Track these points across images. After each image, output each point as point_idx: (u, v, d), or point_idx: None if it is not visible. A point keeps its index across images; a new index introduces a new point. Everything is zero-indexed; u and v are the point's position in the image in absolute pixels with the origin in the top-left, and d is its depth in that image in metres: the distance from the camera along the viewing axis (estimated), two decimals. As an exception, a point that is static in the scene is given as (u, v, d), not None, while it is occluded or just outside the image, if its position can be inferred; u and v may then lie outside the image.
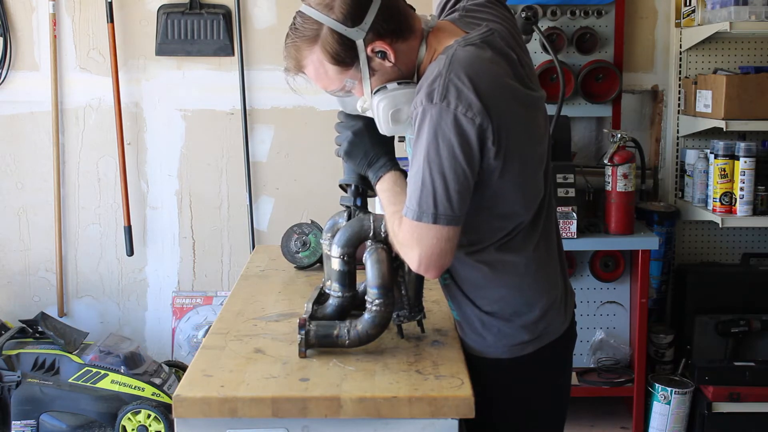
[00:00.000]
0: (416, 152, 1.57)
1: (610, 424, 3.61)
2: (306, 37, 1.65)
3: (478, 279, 1.73)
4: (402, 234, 1.61)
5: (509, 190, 1.63)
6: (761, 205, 3.41)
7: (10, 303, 3.90)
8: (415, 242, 1.58)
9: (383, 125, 1.67)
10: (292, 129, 3.82)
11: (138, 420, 3.27)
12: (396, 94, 1.64)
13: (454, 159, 1.54)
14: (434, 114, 1.53)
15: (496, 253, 1.70)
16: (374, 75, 1.65)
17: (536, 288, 1.74)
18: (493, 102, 1.55)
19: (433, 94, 1.54)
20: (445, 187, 1.55)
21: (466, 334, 1.78)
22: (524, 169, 1.64)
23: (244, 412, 1.55)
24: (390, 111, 1.64)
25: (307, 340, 1.73)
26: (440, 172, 1.54)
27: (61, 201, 3.83)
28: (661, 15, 3.79)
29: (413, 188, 1.57)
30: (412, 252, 1.59)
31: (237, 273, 3.64)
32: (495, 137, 1.55)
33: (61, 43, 3.77)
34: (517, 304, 1.73)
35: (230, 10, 3.75)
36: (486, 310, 1.73)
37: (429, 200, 1.55)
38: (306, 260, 2.41)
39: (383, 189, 1.73)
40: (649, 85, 3.82)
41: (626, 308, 3.64)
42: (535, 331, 1.74)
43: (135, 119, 3.83)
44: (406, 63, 1.66)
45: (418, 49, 1.66)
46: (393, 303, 1.76)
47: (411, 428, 1.57)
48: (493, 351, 1.74)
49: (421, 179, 1.55)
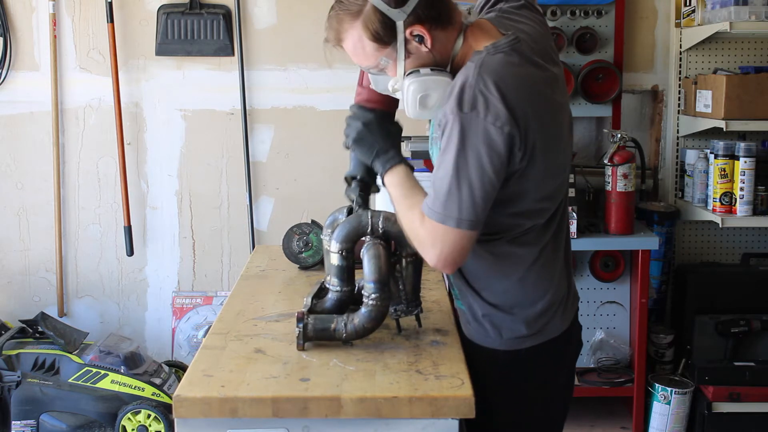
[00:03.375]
0: (444, 158, 1.60)
1: (610, 424, 3.61)
2: (350, 11, 1.68)
3: (484, 269, 1.76)
4: (423, 232, 1.64)
5: (530, 191, 1.67)
6: (761, 205, 3.41)
7: (10, 303, 3.90)
8: (438, 242, 1.62)
9: (410, 107, 1.70)
10: (292, 129, 3.82)
11: (138, 420, 3.27)
12: (427, 80, 1.67)
13: (482, 169, 1.58)
14: (463, 123, 1.57)
15: (507, 245, 1.73)
16: (409, 57, 1.68)
17: (539, 284, 1.76)
18: (521, 109, 1.58)
19: (463, 103, 1.57)
20: (471, 194, 1.59)
21: (468, 323, 1.81)
22: (547, 173, 1.68)
23: (245, 412, 1.55)
24: (419, 95, 1.68)
25: (305, 334, 1.75)
26: (467, 180, 1.58)
27: (61, 201, 3.83)
28: (661, 15, 3.79)
29: (439, 192, 1.61)
30: (433, 250, 1.64)
31: (237, 273, 3.64)
32: (522, 143, 1.59)
33: (61, 43, 3.77)
34: (519, 297, 1.75)
35: (230, 10, 3.75)
36: (489, 301, 1.76)
37: (454, 206, 1.59)
38: (310, 260, 2.41)
39: (393, 183, 1.76)
40: (649, 85, 3.82)
41: (626, 308, 3.64)
42: (533, 326, 1.76)
43: (135, 119, 3.83)
44: (442, 52, 1.69)
45: (455, 41, 1.70)
46: (389, 297, 1.79)
47: (411, 428, 1.57)
48: (491, 342, 1.77)
49: (448, 185, 1.59)
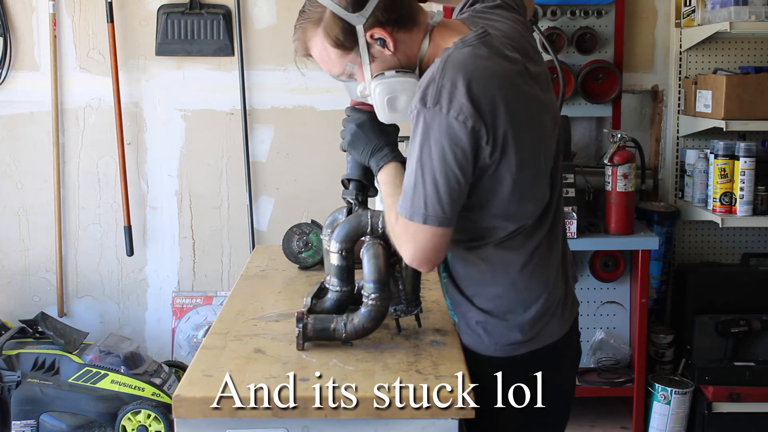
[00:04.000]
0: (411, 154, 1.61)
1: (610, 424, 3.61)
2: (311, 20, 1.70)
3: (475, 275, 1.75)
4: (397, 230, 1.65)
5: (506, 189, 1.64)
6: (761, 205, 3.41)
7: (10, 303, 3.90)
8: (409, 238, 1.63)
9: (380, 111, 1.71)
10: (292, 129, 3.82)
11: (138, 420, 3.27)
12: (392, 81, 1.67)
13: (445, 163, 1.57)
14: (427, 118, 1.56)
15: (494, 249, 1.71)
16: (374, 61, 1.68)
17: (532, 289, 1.74)
18: (487, 102, 1.56)
19: (426, 98, 1.57)
20: (435, 190, 1.58)
21: (463, 332, 1.80)
22: (524, 168, 1.63)
23: (245, 413, 1.55)
24: (386, 97, 1.68)
25: (305, 333, 1.75)
26: (432, 175, 1.57)
27: (61, 201, 3.83)
28: (661, 15, 3.79)
29: (407, 188, 1.61)
30: (406, 246, 1.64)
31: (237, 273, 3.64)
32: (489, 137, 1.57)
33: (61, 43, 3.77)
34: (512, 303, 1.73)
35: (230, 10, 3.75)
36: (482, 307, 1.74)
37: (420, 202, 1.59)
38: (310, 260, 2.41)
39: (383, 180, 1.76)
40: (649, 85, 3.82)
41: (626, 308, 3.64)
42: (529, 332, 1.74)
43: (135, 119, 3.83)
44: (407, 53, 1.69)
45: (421, 42, 1.69)
46: (389, 297, 1.78)
47: (411, 428, 1.57)
48: (487, 349, 1.76)
49: (413, 180, 1.59)
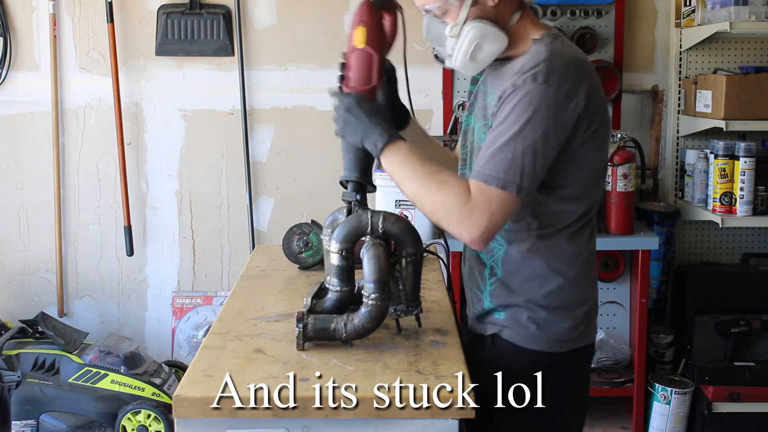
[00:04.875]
0: (509, 125, 1.64)
1: (610, 424, 3.61)
2: None
3: (537, 269, 1.77)
4: (476, 202, 1.65)
5: (589, 167, 1.73)
6: (761, 205, 3.41)
7: (10, 303, 3.90)
8: (493, 210, 1.65)
9: (459, 56, 1.72)
10: (292, 129, 3.82)
11: (138, 420, 3.27)
12: (487, 27, 1.70)
13: (547, 139, 1.64)
14: (536, 93, 1.63)
15: (566, 241, 1.76)
16: (474, 6, 1.71)
17: (587, 285, 1.82)
18: (589, 84, 1.68)
19: (538, 75, 1.64)
20: (533, 163, 1.64)
21: (508, 328, 1.80)
22: (602, 148, 1.75)
23: (245, 412, 1.55)
24: (475, 42, 1.70)
25: (305, 333, 1.75)
26: (533, 148, 1.63)
27: (61, 201, 3.83)
28: (661, 15, 3.79)
29: (502, 158, 1.64)
30: (483, 220, 1.65)
31: (237, 273, 3.63)
32: (589, 115, 1.67)
33: (61, 43, 3.77)
34: (569, 297, 1.78)
35: (230, 10, 3.75)
36: (538, 302, 1.77)
37: (516, 172, 1.63)
38: (310, 260, 2.41)
39: (394, 161, 1.73)
40: (649, 85, 3.82)
41: (626, 308, 3.64)
42: (577, 329, 1.79)
43: (135, 119, 3.83)
44: (503, 14, 1.73)
45: (513, 14, 1.74)
46: (389, 297, 1.78)
47: (411, 428, 1.57)
48: (538, 344, 1.77)
49: (512, 151, 1.63)
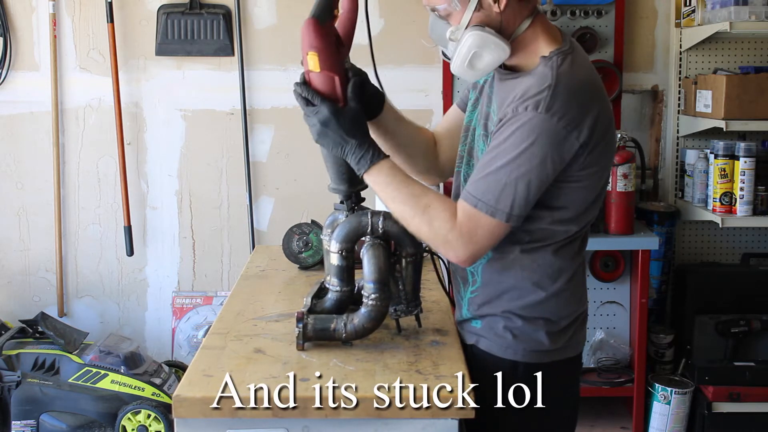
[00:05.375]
0: (505, 152, 1.60)
1: (610, 424, 3.61)
2: None
3: (519, 282, 1.73)
4: (463, 226, 1.63)
5: (590, 194, 1.70)
6: (761, 205, 3.41)
7: (10, 303, 3.90)
8: (479, 235, 1.63)
9: (459, 61, 1.69)
10: (292, 129, 3.82)
11: (138, 420, 3.27)
12: (487, 36, 1.65)
13: (544, 169, 1.60)
14: (536, 122, 1.58)
15: (552, 255, 1.72)
16: (478, 11, 1.66)
17: (572, 300, 1.78)
18: (594, 115, 1.62)
19: (540, 104, 1.58)
20: (526, 192, 1.61)
21: (485, 338, 1.78)
22: (599, 182, 1.71)
23: (245, 412, 1.55)
24: (473, 51, 1.66)
25: (305, 333, 1.75)
26: (526, 178, 1.60)
27: (61, 201, 3.83)
28: (661, 15, 3.79)
29: (494, 185, 1.61)
30: (470, 243, 1.64)
31: (237, 273, 3.64)
32: (591, 148, 1.63)
33: (61, 43, 3.77)
34: (550, 310, 1.74)
35: (230, 10, 3.75)
36: (516, 313, 1.74)
37: (507, 201, 1.61)
38: (310, 260, 2.41)
39: (377, 181, 1.71)
40: (649, 85, 3.82)
41: (626, 308, 3.64)
42: (558, 342, 1.76)
43: (135, 119, 3.83)
44: (509, 21, 1.68)
45: (523, 21, 1.69)
46: (389, 297, 1.78)
47: (411, 428, 1.57)
48: (514, 354, 1.75)
49: (504, 179, 1.60)
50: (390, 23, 3.72)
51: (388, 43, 3.68)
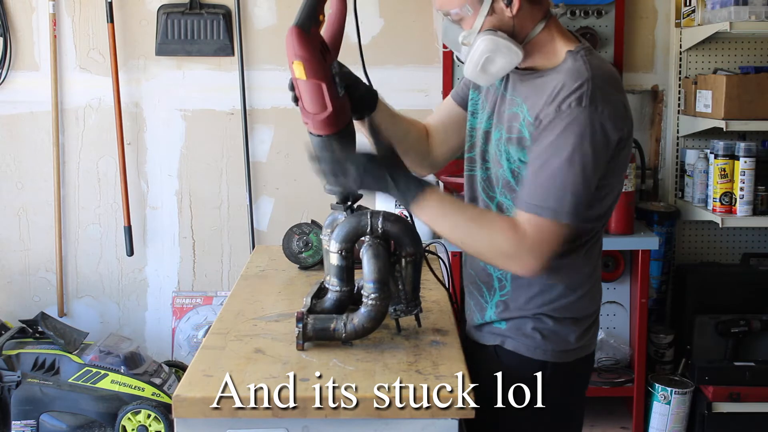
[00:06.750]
0: (554, 152, 1.60)
1: (610, 424, 3.61)
2: None
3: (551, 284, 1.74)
4: (528, 237, 1.61)
5: (615, 189, 1.72)
6: (761, 205, 3.41)
7: (10, 303, 3.90)
8: (546, 241, 1.62)
9: (471, 65, 1.68)
10: (292, 129, 3.82)
11: (138, 420, 3.27)
12: (500, 40, 1.65)
13: (597, 163, 1.61)
14: (583, 118, 1.58)
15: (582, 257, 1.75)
16: (491, 15, 1.66)
17: (595, 298, 1.81)
18: (626, 106, 1.65)
19: (582, 98, 1.59)
20: (587, 190, 1.61)
21: (511, 338, 1.78)
22: (621, 179, 1.73)
23: (244, 413, 1.55)
24: (485, 55, 1.66)
25: (305, 333, 1.75)
26: (585, 175, 1.60)
27: (61, 201, 3.84)
28: (661, 15, 3.79)
29: (552, 187, 1.60)
30: (539, 252, 1.62)
31: (237, 273, 3.64)
32: (625, 139, 1.65)
33: (61, 43, 3.77)
34: (578, 309, 1.76)
35: (230, 10, 3.75)
36: (548, 314, 1.75)
37: (568, 201, 1.60)
38: (310, 260, 2.41)
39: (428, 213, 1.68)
40: (649, 85, 3.82)
41: (626, 308, 3.64)
42: (581, 340, 1.78)
43: (135, 119, 3.83)
44: (522, 25, 1.68)
45: (537, 24, 1.69)
46: (389, 297, 1.78)
47: (411, 428, 1.57)
48: (543, 354, 1.75)
49: (562, 179, 1.59)
50: (390, 23, 3.72)
51: (388, 43, 3.68)
